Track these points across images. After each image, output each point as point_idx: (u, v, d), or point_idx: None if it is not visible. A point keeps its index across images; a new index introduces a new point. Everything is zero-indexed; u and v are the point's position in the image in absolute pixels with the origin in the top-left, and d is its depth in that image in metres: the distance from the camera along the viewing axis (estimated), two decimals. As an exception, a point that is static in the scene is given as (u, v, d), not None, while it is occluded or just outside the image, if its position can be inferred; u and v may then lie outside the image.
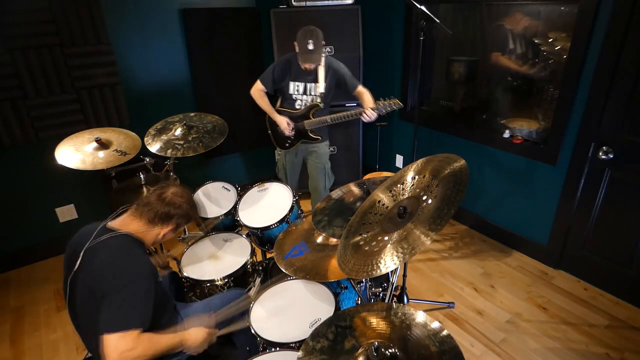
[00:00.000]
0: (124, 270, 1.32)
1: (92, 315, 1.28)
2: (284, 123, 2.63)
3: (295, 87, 2.63)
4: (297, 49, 2.49)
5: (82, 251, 1.35)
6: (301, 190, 3.14)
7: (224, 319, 1.60)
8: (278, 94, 2.77)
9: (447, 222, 1.10)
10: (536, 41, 2.66)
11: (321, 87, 2.55)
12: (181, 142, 2.38)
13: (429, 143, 3.38)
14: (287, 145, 2.80)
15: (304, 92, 2.63)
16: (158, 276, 1.47)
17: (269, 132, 2.88)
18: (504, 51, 2.84)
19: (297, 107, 2.67)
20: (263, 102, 2.70)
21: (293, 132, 2.67)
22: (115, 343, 1.21)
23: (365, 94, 2.58)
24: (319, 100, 2.59)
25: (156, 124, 2.49)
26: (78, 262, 1.35)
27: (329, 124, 2.60)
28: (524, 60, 2.76)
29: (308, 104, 2.63)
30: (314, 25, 2.64)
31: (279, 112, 2.71)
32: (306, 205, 3.69)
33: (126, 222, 1.48)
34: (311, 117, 2.62)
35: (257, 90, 2.69)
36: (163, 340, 1.35)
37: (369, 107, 2.44)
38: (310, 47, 2.38)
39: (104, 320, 1.24)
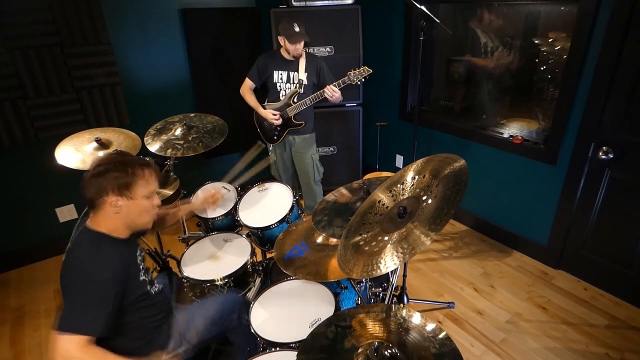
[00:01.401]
0: (84, 270, 1.26)
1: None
2: (269, 114, 2.76)
3: (279, 76, 2.76)
4: (283, 40, 2.64)
5: (67, 248, 1.36)
6: (301, 190, 3.14)
7: None
8: (266, 89, 2.87)
9: (447, 222, 1.10)
10: (536, 41, 2.66)
11: (301, 73, 2.72)
12: (181, 142, 2.38)
13: (429, 143, 3.38)
14: (275, 137, 2.90)
15: (287, 80, 2.76)
16: (132, 272, 1.38)
17: (257, 129, 2.98)
18: (504, 51, 2.84)
19: (282, 97, 2.80)
20: (250, 98, 2.85)
21: (280, 120, 2.79)
22: (62, 344, 1.18)
23: None
24: (299, 87, 2.73)
25: (156, 124, 2.49)
26: (63, 258, 1.34)
27: (310, 105, 2.71)
28: (524, 61, 2.77)
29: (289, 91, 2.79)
30: (314, 25, 2.68)
31: (264, 108, 2.84)
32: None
33: (93, 217, 1.38)
34: (292, 103, 2.74)
35: (245, 87, 2.84)
36: None
37: (332, 84, 2.59)
38: (297, 29, 2.57)
39: (60, 318, 1.21)
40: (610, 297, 2.50)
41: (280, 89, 2.79)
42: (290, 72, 2.74)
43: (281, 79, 2.77)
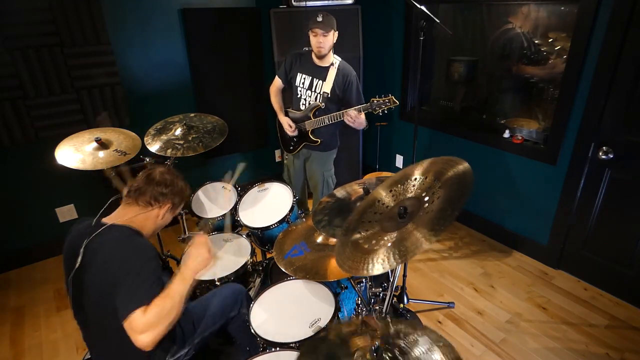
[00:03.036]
0: (128, 258, 1.31)
1: (107, 309, 1.27)
2: (286, 124, 2.61)
3: (301, 79, 2.56)
4: (310, 35, 2.42)
5: (82, 248, 1.34)
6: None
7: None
8: (291, 91, 2.72)
9: (449, 225, 1.09)
10: (536, 41, 2.66)
11: (328, 86, 2.48)
12: (181, 142, 2.37)
13: (429, 143, 3.38)
14: (291, 148, 2.77)
15: (309, 87, 2.54)
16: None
17: (278, 135, 2.85)
18: (504, 51, 2.84)
19: (302, 106, 2.61)
20: (275, 100, 2.70)
21: (296, 132, 2.63)
22: (138, 319, 1.22)
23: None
24: (321, 100, 2.52)
25: (156, 124, 2.49)
26: (79, 259, 1.33)
27: (328, 124, 2.53)
28: (523, 60, 2.77)
29: (312, 102, 2.57)
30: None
31: (285, 112, 2.70)
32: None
33: (121, 214, 1.46)
34: (312, 117, 2.58)
35: (273, 87, 2.70)
36: (172, 289, 1.32)
37: (355, 108, 2.38)
38: (319, 18, 2.33)
39: (123, 306, 1.24)
40: (610, 297, 2.50)
41: (300, 96, 2.58)
42: (315, 79, 2.51)
43: (302, 83, 2.55)
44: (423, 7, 2.09)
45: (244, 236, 2.19)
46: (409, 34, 3.27)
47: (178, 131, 2.43)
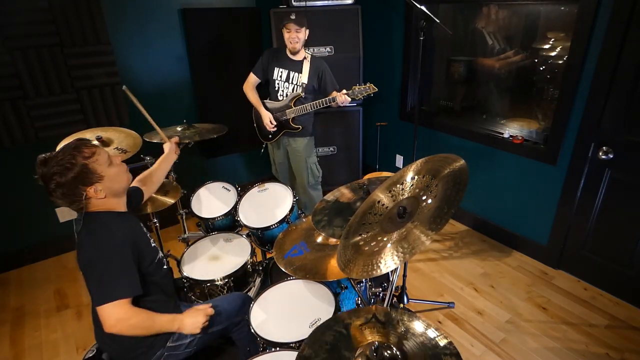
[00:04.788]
0: (101, 244, 1.35)
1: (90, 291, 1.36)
2: (266, 118, 2.77)
3: (278, 73, 2.75)
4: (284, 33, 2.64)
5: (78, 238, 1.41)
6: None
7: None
8: (267, 85, 2.87)
9: (447, 222, 1.10)
10: (536, 41, 2.66)
11: (304, 77, 2.69)
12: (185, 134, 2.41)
13: (429, 143, 3.38)
14: (270, 137, 2.91)
15: (287, 79, 2.74)
16: (142, 240, 1.47)
17: (254, 124, 2.98)
18: (503, 51, 2.84)
19: (279, 97, 2.79)
20: (251, 95, 2.84)
21: (275, 129, 2.80)
22: (109, 311, 1.29)
23: (335, 94, 2.67)
24: (300, 90, 2.71)
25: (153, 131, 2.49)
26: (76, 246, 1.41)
27: (309, 111, 2.70)
28: (523, 61, 2.77)
29: (289, 93, 2.75)
30: (314, 25, 2.68)
31: (264, 105, 2.83)
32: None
33: (88, 208, 1.43)
34: (293, 106, 2.73)
35: (248, 83, 2.84)
36: (160, 319, 1.41)
37: (343, 92, 2.56)
38: (293, 16, 2.56)
39: (94, 293, 1.32)
40: (610, 297, 2.50)
41: (278, 88, 2.78)
42: (292, 72, 2.72)
43: (280, 77, 2.75)
44: (423, 7, 2.09)
45: (244, 236, 2.19)
46: (409, 34, 3.27)
47: (179, 128, 2.44)
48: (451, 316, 2.40)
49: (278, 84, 2.77)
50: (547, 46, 2.62)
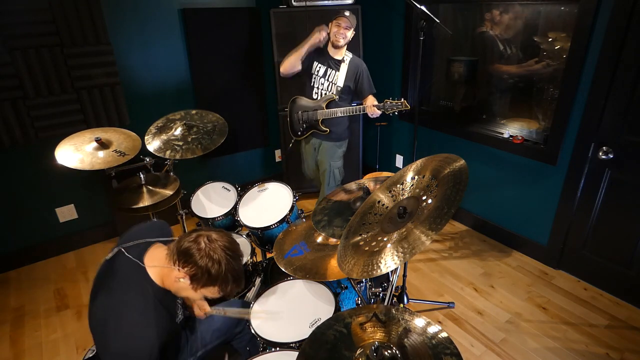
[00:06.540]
0: (125, 336, 1.19)
1: (98, 345, 1.24)
2: (316, 33, 2.65)
3: (317, 67, 2.73)
4: (330, 28, 2.63)
5: (113, 252, 1.28)
6: (301, 191, 3.14)
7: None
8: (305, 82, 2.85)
9: (447, 222, 1.10)
10: (536, 41, 2.66)
11: (342, 76, 2.68)
12: (180, 144, 2.38)
13: (429, 143, 3.38)
14: (299, 133, 2.89)
15: (324, 76, 2.72)
16: (173, 326, 1.37)
17: (288, 119, 2.94)
18: (503, 52, 2.84)
19: (314, 95, 2.77)
20: (292, 54, 2.70)
21: (325, 37, 2.66)
22: None
23: (370, 99, 2.69)
24: (334, 92, 2.69)
25: (157, 121, 2.48)
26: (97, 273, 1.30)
27: (339, 116, 2.68)
28: (523, 61, 2.76)
29: (324, 91, 2.73)
30: (314, 25, 2.66)
31: (294, 100, 2.82)
32: (310, 205, 3.70)
33: (154, 257, 1.31)
34: (325, 108, 2.72)
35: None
36: None
37: (374, 104, 2.56)
38: (347, 13, 2.55)
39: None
40: (610, 297, 2.50)
41: (314, 84, 2.75)
42: (329, 69, 2.70)
43: (317, 71, 2.73)
44: (423, 7, 2.09)
45: (244, 236, 2.19)
46: (409, 34, 3.27)
47: (178, 131, 2.42)
48: (451, 316, 2.40)
49: (314, 79, 2.74)
50: (547, 46, 2.62)
